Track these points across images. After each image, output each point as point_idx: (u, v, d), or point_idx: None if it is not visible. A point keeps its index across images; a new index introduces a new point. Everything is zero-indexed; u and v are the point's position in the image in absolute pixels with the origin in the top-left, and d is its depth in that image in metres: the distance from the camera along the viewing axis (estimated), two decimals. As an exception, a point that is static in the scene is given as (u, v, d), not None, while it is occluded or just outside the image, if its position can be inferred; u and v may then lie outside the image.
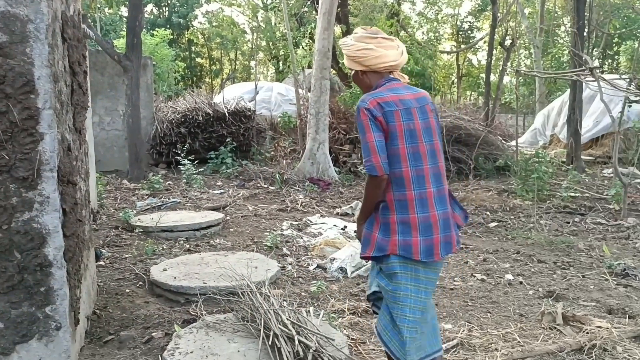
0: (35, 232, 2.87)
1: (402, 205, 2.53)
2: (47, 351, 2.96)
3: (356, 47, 2.69)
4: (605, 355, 3.43)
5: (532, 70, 12.14)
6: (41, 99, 2.82)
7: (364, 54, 2.67)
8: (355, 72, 2.76)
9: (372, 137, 2.49)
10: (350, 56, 2.71)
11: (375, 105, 2.52)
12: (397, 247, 2.51)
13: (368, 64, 2.68)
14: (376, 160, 2.47)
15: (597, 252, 5.87)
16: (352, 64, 2.73)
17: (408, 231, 2.52)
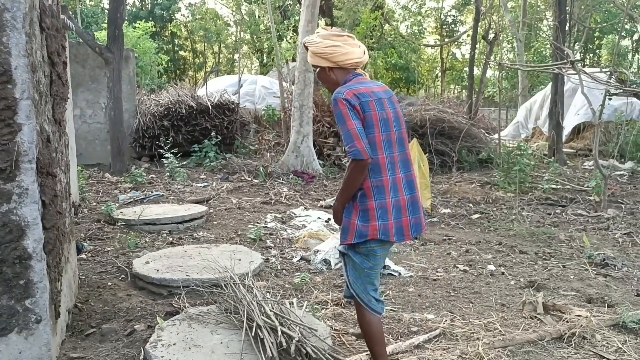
0: (13, 224, 2.83)
1: (380, 190, 2.69)
2: (27, 344, 2.93)
3: (324, 44, 2.81)
4: (584, 343, 3.48)
5: (515, 63, 12.22)
6: (19, 89, 2.77)
7: (332, 50, 2.79)
8: (321, 69, 2.86)
9: (352, 124, 2.60)
10: (317, 53, 2.82)
11: (351, 96, 2.65)
12: (377, 231, 2.67)
13: (336, 60, 2.80)
14: (360, 145, 2.57)
15: (577, 243, 5.95)
16: (319, 61, 2.84)
17: (385, 215, 2.70)
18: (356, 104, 2.64)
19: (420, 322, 3.77)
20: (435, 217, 7.26)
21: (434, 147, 11.33)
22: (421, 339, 3.47)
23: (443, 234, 6.37)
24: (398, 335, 3.57)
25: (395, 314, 3.91)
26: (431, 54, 35.09)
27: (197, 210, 6.64)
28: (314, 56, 2.84)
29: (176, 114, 11.94)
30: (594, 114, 8.23)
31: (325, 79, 2.88)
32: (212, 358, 2.98)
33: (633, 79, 10.95)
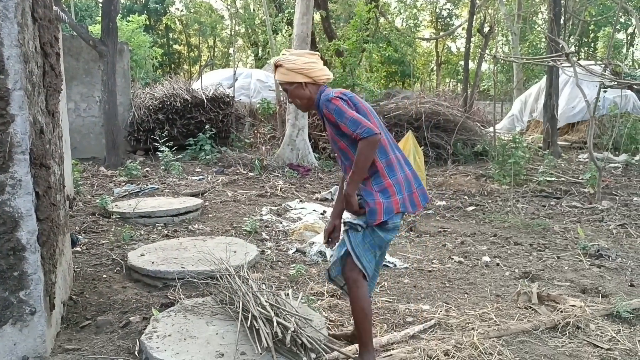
0: (7, 215, 2.82)
1: (390, 168, 2.91)
2: (22, 336, 2.92)
3: (301, 60, 2.99)
4: (578, 332, 3.50)
5: (510, 56, 12.22)
6: (11, 79, 2.76)
7: (310, 66, 2.98)
8: (296, 85, 3.00)
9: (352, 112, 2.80)
10: (295, 69, 2.96)
11: (341, 93, 2.89)
12: (399, 204, 2.88)
13: (314, 75, 2.99)
14: (368, 124, 2.74)
15: (572, 234, 5.97)
16: (295, 77, 2.98)
17: (400, 189, 2.91)
18: (347, 99, 2.87)
19: (415, 313, 3.78)
20: (430, 209, 7.27)
21: (430, 140, 11.34)
22: (416, 329, 3.48)
23: (438, 226, 6.38)
24: (393, 326, 3.58)
25: (390, 305, 3.91)
26: (426, 48, 35.10)
27: (193, 203, 6.63)
28: (289, 72, 2.98)
29: (171, 108, 11.90)
30: (588, 106, 8.24)
31: (300, 94, 3.01)
32: (208, 349, 2.97)
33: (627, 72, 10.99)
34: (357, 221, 2.90)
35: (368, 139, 2.74)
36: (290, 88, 3.03)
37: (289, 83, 3.01)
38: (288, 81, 3.01)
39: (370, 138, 2.74)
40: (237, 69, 16.31)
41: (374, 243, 2.94)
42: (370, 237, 2.92)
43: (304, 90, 3.00)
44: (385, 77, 30.13)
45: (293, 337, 2.95)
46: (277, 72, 3.04)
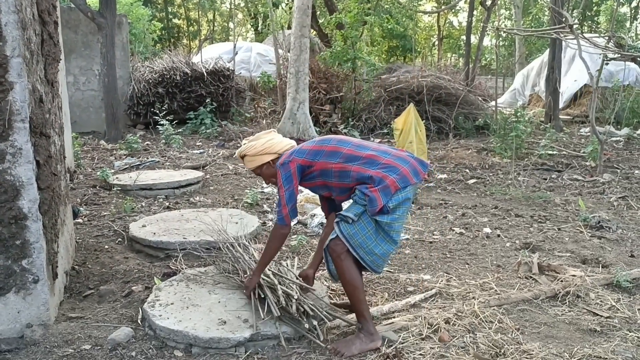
0: (8, 184, 2.82)
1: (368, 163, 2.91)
2: (25, 304, 2.94)
3: (261, 141, 3.14)
4: (578, 301, 3.52)
5: (513, 28, 12.09)
6: (9, 46, 2.73)
7: (271, 143, 3.14)
8: (266, 166, 3.14)
9: (283, 192, 2.95)
10: (259, 151, 3.11)
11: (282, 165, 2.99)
12: (396, 182, 2.83)
13: (277, 148, 3.14)
14: (285, 211, 2.96)
15: (572, 207, 5.97)
16: (262, 158, 3.13)
17: (394, 168, 2.88)
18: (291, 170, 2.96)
19: (416, 283, 3.80)
20: (431, 182, 7.26)
21: (431, 113, 11.28)
22: (417, 298, 3.50)
23: (439, 199, 6.38)
24: (394, 295, 3.60)
25: (391, 275, 3.93)
26: (428, 22, 34.71)
27: (194, 176, 6.62)
28: (256, 156, 3.12)
29: (171, 81, 11.81)
30: (591, 78, 8.17)
31: (270, 173, 3.14)
32: (210, 316, 2.99)
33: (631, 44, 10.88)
34: (347, 213, 2.88)
35: (277, 225, 3.00)
36: (261, 171, 3.17)
37: (259, 167, 3.16)
38: (258, 165, 3.15)
39: (278, 225, 2.99)
40: (237, 43, 16.15)
41: (384, 231, 2.89)
42: (372, 226, 2.87)
43: (272, 168, 3.13)
44: (387, 51, 29.85)
45: (297, 305, 2.97)
46: (245, 161, 3.19)
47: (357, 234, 2.85)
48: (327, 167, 2.97)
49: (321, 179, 3.01)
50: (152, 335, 2.98)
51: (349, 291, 2.92)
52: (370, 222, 2.87)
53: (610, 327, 3.18)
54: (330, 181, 2.99)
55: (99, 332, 3.00)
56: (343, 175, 2.94)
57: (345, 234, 2.86)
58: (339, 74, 12.42)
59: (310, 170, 3.00)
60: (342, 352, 2.79)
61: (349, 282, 2.89)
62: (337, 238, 2.88)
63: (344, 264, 2.87)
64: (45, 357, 2.74)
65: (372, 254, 2.90)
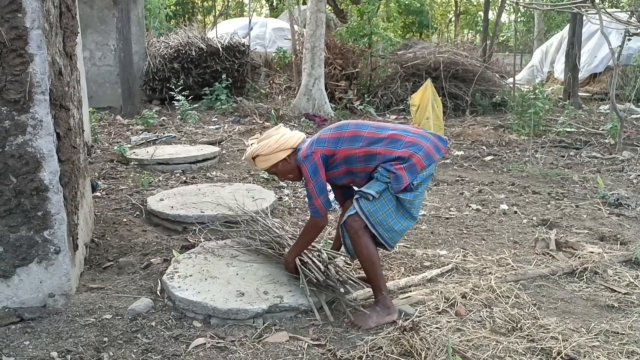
0: (29, 155, 2.85)
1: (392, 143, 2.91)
2: (48, 274, 2.99)
3: (274, 138, 3.04)
4: (596, 277, 3.50)
5: (532, 3, 11.87)
6: (29, 17, 2.73)
7: (285, 138, 3.04)
8: (281, 163, 3.05)
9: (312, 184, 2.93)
10: (273, 149, 3.00)
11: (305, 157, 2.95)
12: (421, 160, 2.86)
13: (291, 144, 3.05)
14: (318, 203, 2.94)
15: (591, 184, 5.91)
16: (277, 156, 3.02)
17: (417, 145, 2.89)
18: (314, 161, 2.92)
19: (433, 258, 3.80)
20: (448, 158, 7.22)
21: (448, 90, 11.17)
22: (434, 273, 3.50)
23: (456, 175, 6.35)
24: (411, 270, 3.61)
25: (408, 250, 3.94)
26: (445, -3, 34.16)
27: (210, 151, 6.65)
28: (271, 155, 3.01)
29: (186, 57, 11.79)
30: (612, 55, 8.02)
31: (289, 169, 3.07)
32: (228, 288, 3.03)
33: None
34: (368, 190, 2.87)
35: (314, 218, 2.97)
36: (277, 169, 3.08)
37: (274, 165, 3.06)
38: (273, 164, 3.06)
39: (314, 219, 2.97)
40: (252, 18, 16.05)
41: (404, 208, 2.93)
42: (393, 203, 2.89)
43: (289, 164, 3.05)
44: (403, 28, 29.49)
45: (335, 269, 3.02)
46: (257, 161, 3.09)
47: (377, 211, 2.86)
48: (351, 154, 2.94)
49: (345, 166, 2.99)
50: (171, 306, 3.02)
51: (367, 266, 2.93)
52: (391, 200, 2.88)
53: (628, 303, 3.17)
54: (355, 167, 2.97)
55: (119, 302, 3.05)
56: (369, 159, 2.93)
57: (365, 211, 2.86)
58: (355, 49, 12.31)
59: (334, 159, 2.97)
60: (359, 325, 2.82)
61: (367, 258, 2.90)
62: (355, 214, 2.89)
63: (362, 240, 2.89)
64: (68, 325, 2.79)
65: (392, 231, 2.93)
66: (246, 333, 2.75)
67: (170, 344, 2.66)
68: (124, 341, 2.68)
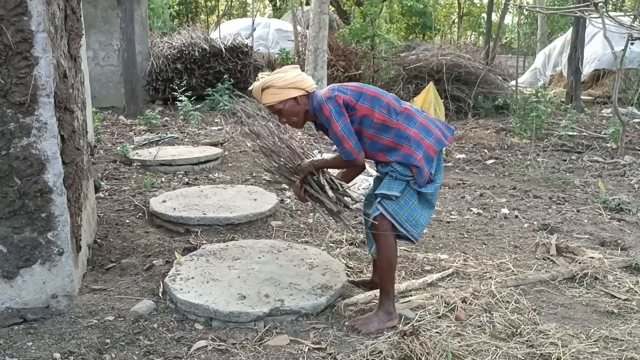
0: (34, 157, 2.87)
1: (408, 119, 2.88)
2: (51, 275, 3.01)
3: (291, 74, 2.89)
4: (596, 283, 3.52)
5: (535, 6, 11.87)
6: (34, 21, 2.75)
7: (301, 77, 2.90)
8: (290, 101, 2.87)
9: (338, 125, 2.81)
10: (287, 85, 2.85)
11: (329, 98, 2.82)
12: (433, 145, 2.86)
13: (306, 85, 2.90)
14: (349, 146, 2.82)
15: (592, 189, 5.92)
16: (288, 92, 2.86)
17: (428, 130, 2.87)
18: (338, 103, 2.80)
19: (433, 262, 3.82)
20: (450, 162, 7.24)
21: (450, 92, 11.17)
22: (435, 277, 3.52)
23: (457, 179, 6.36)
24: (412, 274, 3.62)
25: (409, 254, 3.95)
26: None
27: (213, 152, 6.67)
28: (282, 90, 2.86)
29: (189, 57, 11.81)
30: (615, 59, 8.03)
31: (296, 110, 2.91)
32: (230, 291, 3.05)
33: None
34: (391, 192, 2.84)
35: (349, 161, 2.88)
36: (283, 107, 2.89)
37: (282, 102, 2.88)
38: (281, 100, 2.88)
39: (350, 162, 2.88)
40: (255, 19, 16.08)
41: (425, 200, 2.94)
42: (415, 198, 2.89)
43: (298, 105, 2.90)
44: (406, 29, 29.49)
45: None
46: (265, 94, 2.90)
47: (401, 208, 2.86)
48: (370, 115, 2.84)
49: (359, 126, 2.88)
50: (173, 308, 3.04)
51: (384, 267, 2.92)
52: (413, 195, 2.88)
53: (628, 310, 3.18)
54: (367, 131, 2.88)
55: (122, 304, 3.07)
56: (383, 129, 2.85)
57: (391, 212, 2.86)
58: (358, 51, 12.35)
59: (352, 114, 2.85)
60: (360, 329, 2.83)
61: (387, 259, 2.91)
62: (381, 216, 2.87)
63: (388, 240, 2.89)
64: (70, 327, 2.81)
65: (419, 225, 2.94)
66: (247, 336, 2.77)
67: (172, 346, 2.68)
68: (126, 343, 2.70)
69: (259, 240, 3.93)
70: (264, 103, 2.93)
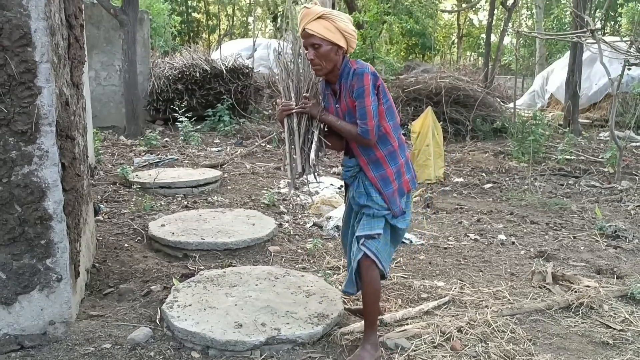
0: (35, 185, 2.90)
1: (402, 148, 2.92)
2: (49, 302, 3.03)
3: (350, 26, 2.77)
4: (591, 313, 3.53)
5: (533, 31, 12.01)
6: (38, 52, 2.81)
7: (355, 35, 2.78)
8: (333, 47, 2.71)
9: (370, 102, 2.71)
10: (344, 30, 2.69)
11: (374, 74, 2.73)
12: (409, 182, 2.93)
13: (353, 44, 2.79)
14: (371, 125, 2.73)
15: (589, 214, 5.95)
16: (340, 39, 2.70)
17: (408, 167, 2.95)
18: (378, 83, 2.75)
19: (430, 289, 3.83)
20: (447, 185, 7.28)
21: (449, 115, 11.24)
22: (431, 305, 3.53)
23: (455, 203, 6.40)
24: (408, 302, 3.64)
25: (405, 281, 3.97)
26: (448, 20, 34.46)
27: (212, 175, 6.71)
28: (337, 32, 2.67)
29: (190, 78, 11.90)
30: (612, 84, 8.11)
31: (332, 59, 2.72)
32: (227, 319, 3.06)
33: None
34: (374, 231, 2.84)
35: (362, 138, 2.75)
36: (325, 48, 2.67)
37: (328, 42, 2.67)
38: (329, 39, 2.66)
39: (363, 139, 2.75)
40: (256, 40, 16.21)
41: (394, 240, 2.98)
42: (389, 234, 2.92)
43: (336, 56, 2.72)
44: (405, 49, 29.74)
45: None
46: (319, 23, 2.64)
47: (382, 247, 2.87)
48: (382, 119, 2.80)
49: None
50: (170, 335, 3.05)
51: (370, 301, 2.90)
52: (387, 230, 2.91)
53: (623, 340, 3.19)
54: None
55: (119, 331, 3.09)
56: (383, 140, 2.82)
57: (374, 251, 2.84)
58: (357, 73, 12.42)
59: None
60: (354, 366, 2.83)
61: (373, 292, 2.89)
62: (365, 257, 2.84)
63: (372, 274, 2.87)
64: (67, 354, 2.82)
65: (389, 261, 3.01)
66: (243, 365, 2.78)
67: (168, 375, 2.69)
68: (122, 371, 2.71)
69: (256, 267, 3.95)
70: (310, 29, 2.66)
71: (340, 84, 2.80)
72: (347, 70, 2.77)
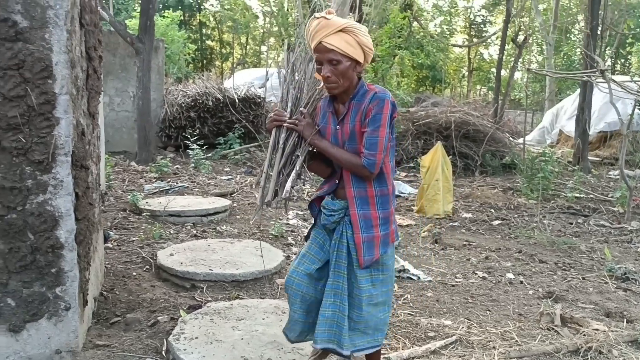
0: (48, 214, 2.94)
1: (394, 194, 2.70)
2: (56, 330, 3.04)
3: (370, 40, 2.53)
4: (600, 357, 3.49)
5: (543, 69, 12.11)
6: (58, 84, 2.87)
7: (372, 49, 2.55)
8: (351, 63, 2.46)
9: (383, 133, 2.46)
10: (365, 43, 2.46)
11: (393, 104, 2.49)
12: (394, 234, 2.67)
13: (369, 60, 2.58)
14: (378, 158, 2.47)
15: (598, 255, 5.92)
16: (358, 54, 2.46)
17: (394, 218, 2.69)
18: (394, 114, 2.51)
19: (437, 328, 3.81)
20: (456, 221, 7.27)
21: (458, 149, 11.29)
22: (437, 344, 3.51)
23: (463, 239, 6.38)
24: (415, 340, 3.61)
25: (412, 319, 3.95)
26: (459, 54, 34.83)
27: (221, 204, 6.74)
28: (357, 46, 2.44)
29: (203, 106, 12.04)
30: (622, 124, 8.14)
31: (349, 75, 2.47)
32: (233, 353, 3.05)
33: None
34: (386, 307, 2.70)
35: (366, 170, 2.47)
36: (343, 63, 2.43)
37: (347, 57, 2.43)
38: (349, 55, 2.42)
39: (365, 171, 2.47)
40: (269, 69, 16.42)
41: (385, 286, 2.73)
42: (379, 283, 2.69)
43: (352, 72, 2.47)
44: (416, 82, 30.03)
45: None
46: (340, 37, 2.40)
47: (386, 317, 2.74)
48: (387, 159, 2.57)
49: None
50: (175, 368, 3.05)
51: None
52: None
53: (632, 388, 3.15)
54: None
55: (125, 362, 3.08)
56: (381, 180, 2.58)
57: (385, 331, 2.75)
58: (368, 105, 12.53)
59: None
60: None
61: None
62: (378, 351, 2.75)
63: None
64: (73, 385, 2.82)
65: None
66: (248, 401, 2.77)
67: (172, 409, 2.68)
68: (127, 404, 2.70)
69: (263, 300, 3.94)
70: (329, 43, 2.40)
71: (350, 104, 2.53)
72: (362, 91, 2.52)
